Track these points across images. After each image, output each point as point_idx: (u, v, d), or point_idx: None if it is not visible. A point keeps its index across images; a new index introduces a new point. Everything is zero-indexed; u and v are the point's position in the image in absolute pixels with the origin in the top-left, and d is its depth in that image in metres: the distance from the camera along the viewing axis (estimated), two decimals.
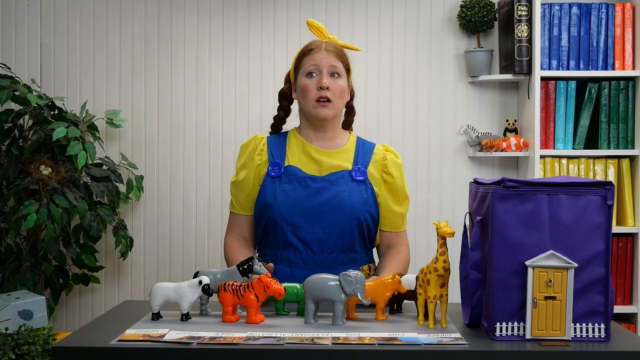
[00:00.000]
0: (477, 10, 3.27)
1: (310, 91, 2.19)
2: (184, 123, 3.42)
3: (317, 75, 2.19)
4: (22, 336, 1.87)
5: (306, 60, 2.22)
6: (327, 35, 2.28)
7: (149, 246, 3.44)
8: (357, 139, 2.31)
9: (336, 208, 2.16)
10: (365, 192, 2.20)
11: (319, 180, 2.18)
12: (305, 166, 2.22)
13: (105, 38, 3.42)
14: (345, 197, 2.17)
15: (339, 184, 2.18)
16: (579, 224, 1.62)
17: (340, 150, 2.26)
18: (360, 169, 2.22)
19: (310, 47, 2.23)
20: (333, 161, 2.22)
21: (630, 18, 3.22)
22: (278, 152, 2.25)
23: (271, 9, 3.42)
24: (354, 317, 1.84)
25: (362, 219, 2.18)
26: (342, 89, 2.22)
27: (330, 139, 2.27)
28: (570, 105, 3.24)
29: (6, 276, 2.99)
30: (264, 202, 2.19)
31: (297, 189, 2.18)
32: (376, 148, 2.28)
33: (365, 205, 2.19)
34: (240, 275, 1.86)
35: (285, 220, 2.16)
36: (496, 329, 1.63)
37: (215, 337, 1.61)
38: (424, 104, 3.43)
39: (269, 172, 2.21)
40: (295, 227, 2.16)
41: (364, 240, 2.23)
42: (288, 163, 2.22)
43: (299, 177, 2.19)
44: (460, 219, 3.36)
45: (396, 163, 2.27)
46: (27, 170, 2.98)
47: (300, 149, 2.25)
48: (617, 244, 3.20)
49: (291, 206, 2.16)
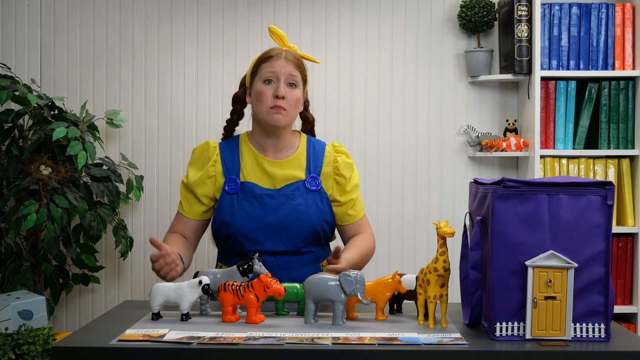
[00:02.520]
0: (477, 10, 3.27)
1: (266, 98, 2.20)
2: (184, 123, 3.42)
3: (275, 82, 2.21)
4: (22, 336, 1.87)
5: (265, 66, 2.23)
6: (287, 44, 2.29)
7: (149, 246, 3.44)
8: (307, 141, 2.32)
9: (294, 222, 2.20)
10: (320, 202, 2.24)
11: (275, 196, 2.21)
12: (260, 180, 2.24)
13: (105, 38, 3.42)
14: (302, 211, 2.21)
15: (294, 198, 2.21)
16: (579, 224, 1.62)
17: (292, 158, 2.27)
18: (314, 178, 2.25)
19: (270, 54, 2.25)
20: (286, 171, 2.24)
21: (630, 18, 3.22)
22: (232, 164, 2.26)
23: (271, 9, 3.42)
24: (354, 317, 1.84)
25: (319, 228, 2.24)
26: (298, 99, 2.23)
27: (282, 147, 2.28)
28: (570, 105, 3.24)
29: (6, 276, 2.99)
30: (222, 219, 2.22)
31: (254, 206, 2.21)
32: (326, 150, 2.31)
33: (322, 215, 2.24)
34: (240, 275, 1.86)
35: (246, 237, 2.20)
36: (496, 329, 1.63)
37: (215, 337, 1.61)
38: (424, 104, 3.43)
39: (225, 189, 2.23)
40: (257, 243, 2.20)
41: (321, 243, 2.30)
42: (244, 178, 2.24)
43: (255, 194, 2.22)
44: (460, 219, 3.36)
45: (347, 164, 2.31)
46: (27, 170, 2.98)
47: (253, 162, 2.26)
48: (617, 244, 3.20)
49: (250, 224, 2.20)
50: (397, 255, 3.42)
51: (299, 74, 2.23)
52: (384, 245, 3.39)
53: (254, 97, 2.24)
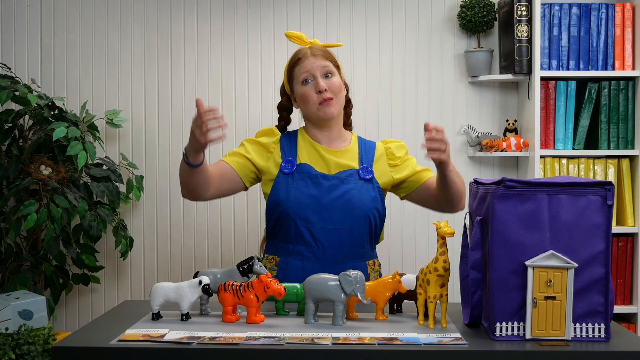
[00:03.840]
0: (477, 10, 3.27)
1: (311, 97, 2.27)
2: (184, 123, 3.42)
3: (312, 80, 2.27)
4: (22, 336, 1.87)
5: (297, 69, 2.29)
6: (307, 41, 2.35)
7: (149, 246, 3.44)
8: (358, 139, 2.39)
9: (347, 205, 2.24)
10: (372, 190, 2.28)
11: (330, 178, 2.26)
12: (315, 164, 2.29)
13: (105, 38, 3.42)
14: (355, 195, 2.25)
15: (348, 182, 2.26)
16: (579, 224, 1.62)
17: (345, 149, 2.33)
18: (367, 168, 2.30)
19: (297, 56, 2.31)
20: (340, 160, 2.30)
21: (630, 18, 3.22)
22: (289, 149, 2.32)
23: (271, 9, 3.42)
24: (354, 317, 1.84)
25: (371, 215, 2.26)
26: (339, 84, 2.30)
27: (336, 138, 2.34)
28: (570, 105, 3.24)
29: (6, 276, 2.99)
30: (277, 198, 2.26)
31: (309, 186, 2.25)
32: (377, 146, 2.38)
33: (374, 203, 2.27)
34: (240, 275, 1.86)
35: (299, 215, 2.23)
36: (496, 329, 1.63)
37: (215, 337, 1.61)
38: (424, 104, 3.43)
39: (282, 169, 2.28)
40: (308, 223, 2.23)
41: (371, 237, 2.31)
42: (300, 161, 2.30)
43: (311, 174, 2.27)
44: (460, 219, 3.36)
45: (399, 146, 2.38)
46: (27, 170, 2.98)
47: (309, 147, 2.32)
48: (617, 244, 3.20)
49: (304, 202, 2.23)
50: (397, 255, 3.42)
51: (329, 62, 2.29)
52: (384, 245, 3.39)
53: (300, 100, 2.30)
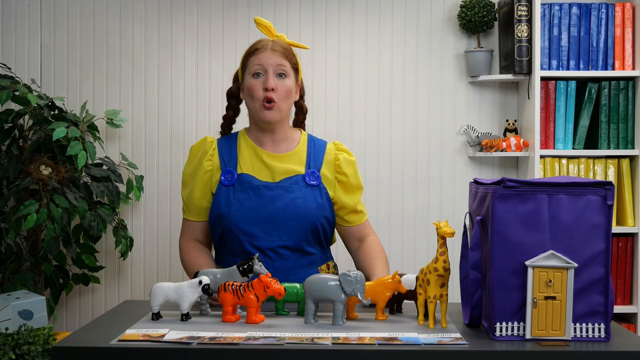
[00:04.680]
0: (477, 10, 3.27)
1: (256, 91, 2.16)
2: (184, 123, 3.42)
3: (263, 75, 2.17)
4: (22, 336, 1.87)
5: (252, 60, 2.19)
6: (275, 34, 2.25)
7: (149, 246, 3.44)
8: (308, 138, 2.29)
9: (292, 215, 2.15)
10: (320, 196, 2.19)
11: (273, 188, 2.16)
12: (258, 172, 2.19)
13: (105, 38, 3.42)
14: (300, 204, 2.15)
15: (293, 190, 2.16)
16: (579, 224, 1.62)
17: (291, 153, 2.23)
18: (314, 172, 2.20)
19: (256, 46, 2.21)
20: (285, 165, 2.20)
21: (630, 18, 3.22)
22: (229, 157, 2.22)
23: (271, 9, 3.42)
24: (354, 317, 1.84)
25: (318, 223, 2.18)
26: (289, 89, 2.19)
27: (281, 141, 2.24)
28: (570, 105, 3.24)
29: (6, 276, 2.99)
30: (218, 211, 2.17)
31: (251, 197, 2.15)
32: (327, 147, 2.27)
33: (321, 210, 2.18)
34: (240, 275, 1.86)
35: (241, 230, 2.15)
36: (496, 329, 1.63)
37: (215, 337, 1.61)
38: (424, 104, 3.43)
39: (222, 181, 2.18)
40: (252, 237, 2.15)
41: (320, 243, 2.24)
42: (241, 170, 2.19)
43: (252, 185, 2.16)
44: (460, 219, 3.36)
45: (349, 161, 2.26)
46: (27, 170, 2.98)
47: (251, 154, 2.22)
48: (617, 244, 3.20)
49: (246, 215, 2.14)
50: (397, 255, 3.42)
51: (287, 63, 2.19)
52: (384, 245, 3.38)
53: (246, 92, 2.20)
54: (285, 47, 2.21)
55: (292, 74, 2.20)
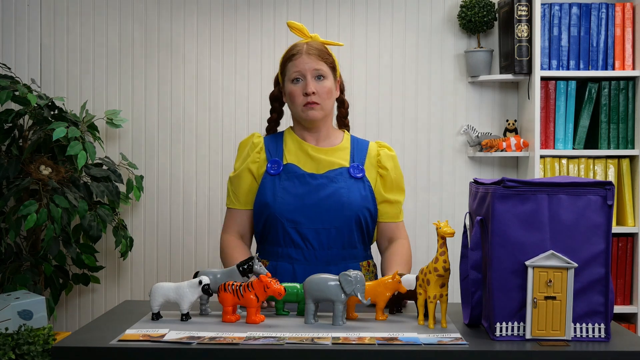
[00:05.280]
0: (477, 10, 3.27)
1: (297, 97, 2.21)
2: (184, 123, 3.42)
3: (302, 80, 2.20)
4: (22, 336, 1.87)
5: (290, 66, 2.23)
6: (308, 35, 2.28)
7: (149, 246, 3.44)
8: (351, 138, 2.33)
9: (335, 204, 2.18)
10: (363, 189, 2.22)
11: (318, 177, 2.20)
12: (304, 164, 2.23)
13: (105, 38, 3.42)
14: (344, 194, 2.19)
15: (337, 181, 2.20)
16: (579, 224, 1.62)
17: (336, 148, 2.28)
18: (358, 166, 2.24)
19: (291, 52, 2.24)
20: (330, 158, 2.24)
21: (630, 18, 3.22)
22: (275, 150, 2.26)
23: (271, 9, 3.42)
24: (354, 317, 1.84)
25: (361, 215, 2.21)
26: (329, 89, 2.23)
27: (325, 138, 2.29)
28: (570, 105, 3.24)
29: (6, 276, 2.99)
30: (263, 200, 2.20)
31: (296, 186, 2.19)
32: (370, 145, 2.31)
33: (364, 202, 2.21)
34: (240, 275, 1.86)
35: (285, 217, 2.18)
36: (496, 329, 1.63)
37: (215, 337, 1.61)
38: (424, 104, 3.43)
39: (268, 170, 2.22)
40: (296, 224, 2.18)
41: (363, 237, 2.25)
42: (286, 161, 2.24)
43: (297, 174, 2.21)
44: (460, 219, 3.36)
45: (390, 156, 2.30)
46: (27, 170, 2.98)
47: (297, 147, 2.26)
48: (617, 244, 3.20)
49: (291, 203, 2.18)
50: None
51: (324, 64, 2.22)
52: None
53: (287, 97, 2.25)
54: (320, 48, 2.24)
55: (330, 74, 2.24)
